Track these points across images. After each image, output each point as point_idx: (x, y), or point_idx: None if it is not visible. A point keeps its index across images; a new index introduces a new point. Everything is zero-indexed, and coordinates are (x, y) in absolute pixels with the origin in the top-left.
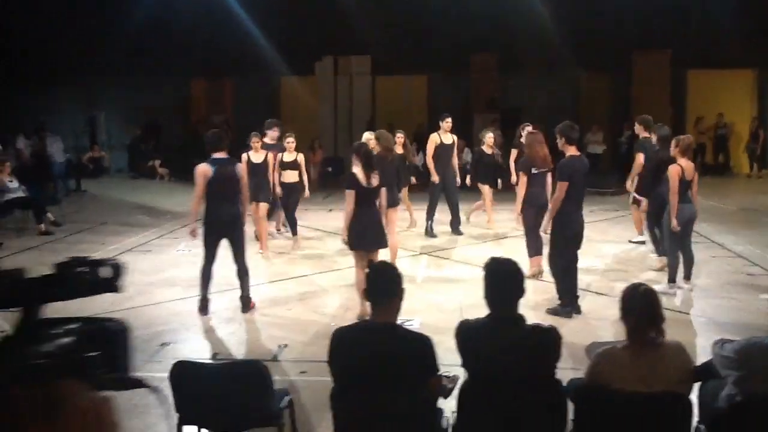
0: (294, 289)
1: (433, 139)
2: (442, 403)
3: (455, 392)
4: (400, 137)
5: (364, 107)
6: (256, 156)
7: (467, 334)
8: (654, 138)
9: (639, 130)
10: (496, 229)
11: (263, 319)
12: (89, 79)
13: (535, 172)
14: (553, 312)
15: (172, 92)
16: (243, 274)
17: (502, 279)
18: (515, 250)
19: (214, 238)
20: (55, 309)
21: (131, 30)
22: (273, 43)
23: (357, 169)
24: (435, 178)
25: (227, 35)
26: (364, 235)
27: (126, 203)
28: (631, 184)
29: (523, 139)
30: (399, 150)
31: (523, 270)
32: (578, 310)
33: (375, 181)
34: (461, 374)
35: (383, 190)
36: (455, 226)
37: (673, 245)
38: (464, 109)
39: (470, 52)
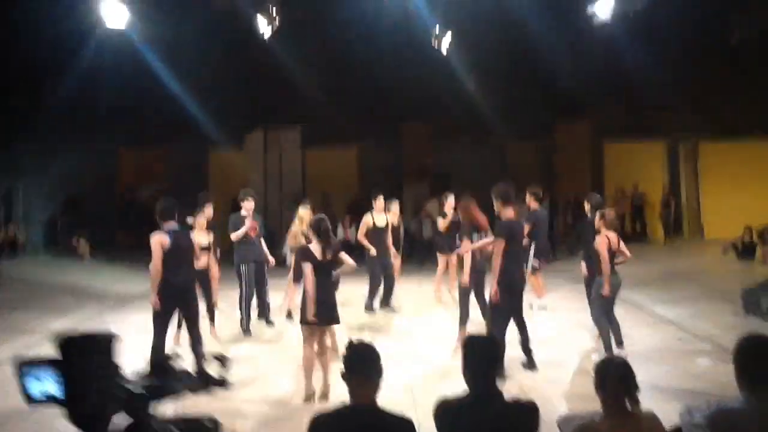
0: (238, 370)
1: (366, 221)
2: None
3: None
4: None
5: (295, 180)
6: (202, 236)
7: (447, 412)
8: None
9: (529, 201)
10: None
11: (211, 404)
12: (10, 146)
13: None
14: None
15: (98, 162)
16: (196, 343)
17: (481, 356)
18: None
19: (168, 309)
20: None
21: (56, 96)
22: (202, 112)
23: (314, 245)
24: (372, 251)
25: (156, 103)
26: (319, 309)
27: (46, 285)
28: None
29: (447, 209)
30: (394, 220)
31: (500, 346)
32: (534, 365)
33: (330, 255)
34: None
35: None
36: (388, 301)
37: (602, 314)
38: (396, 177)
39: (400, 122)
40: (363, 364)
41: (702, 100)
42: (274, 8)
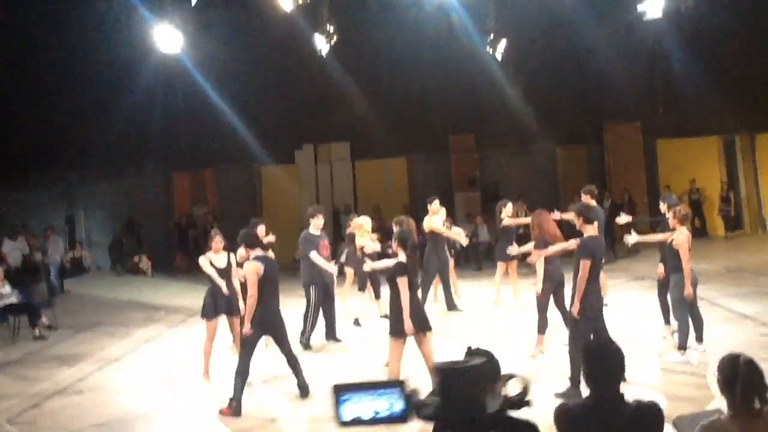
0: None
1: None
2: None
3: None
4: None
5: (346, 193)
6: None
7: (569, 418)
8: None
9: (585, 199)
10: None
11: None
12: (67, 175)
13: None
14: (563, 395)
15: (152, 186)
16: (294, 362)
17: (605, 359)
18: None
19: (259, 335)
20: None
21: (110, 125)
22: (252, 132)
23: (403, 257)
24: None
25: (206, 125)
26: (415, 319)
27: (114, 301)
28: None
29: (504, 216)
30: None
31: (622, 352)
32: None
33: (415, 267)
34: None
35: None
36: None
37: (684, 311)
38: (445, 187)
39: (448, 133)
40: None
41: (756, 94)
42: (332, 26)
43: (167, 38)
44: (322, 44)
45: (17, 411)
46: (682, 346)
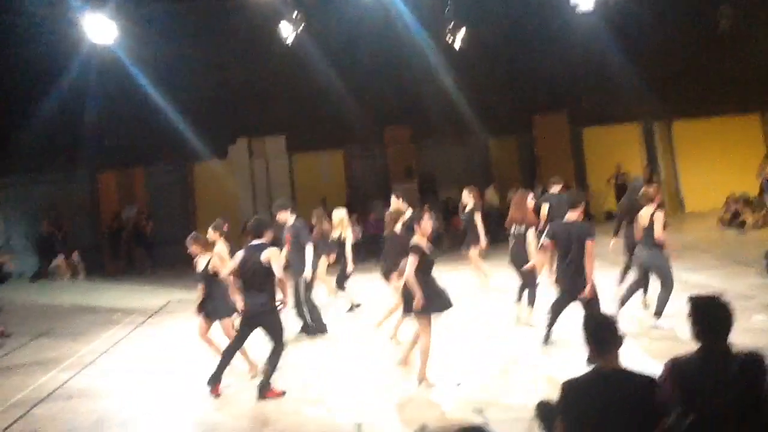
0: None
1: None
2: None
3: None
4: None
5: (283, 187)
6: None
7: (681, 370)
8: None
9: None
10: None
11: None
12: None
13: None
14: None
15: (78, 187)
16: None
17: (713, 312)
18: None
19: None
20: None
21: (33, 121)
22: (184, 128)
23: (419, 238)
24: None
25: (135, 123)
26: (440, 297)
27: (58, 308)
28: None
29: (467, 203)
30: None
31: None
32: None
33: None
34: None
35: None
36: None
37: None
38: (383, 179)
39: (383, 125)
40: (610, 334)
41: (672, 82)
42: (298, 14)
43: (100, 28)
44: (288, 32)
45: (7, 422)
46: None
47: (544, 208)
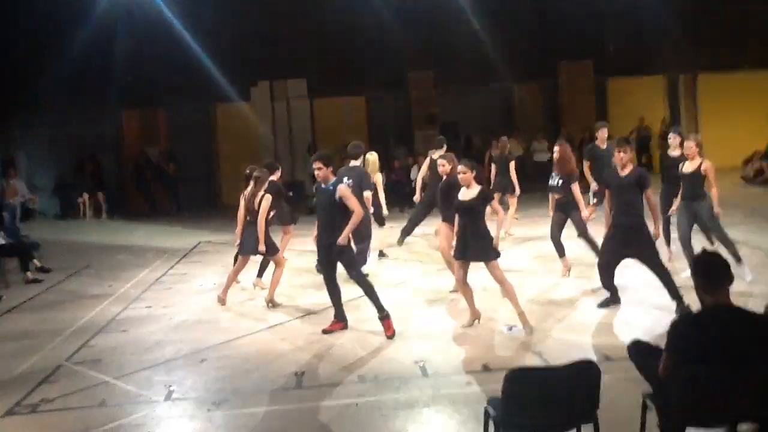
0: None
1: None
2: None
3: None
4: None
5: (304, 130)
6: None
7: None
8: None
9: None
10: None
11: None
12: (5, 115)
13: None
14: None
15: (102, 125)
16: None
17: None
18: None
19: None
20: None
21: (60, 64)
22: (205, 69)
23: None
24: None
25: (156, 63)
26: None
27: (91, 245)
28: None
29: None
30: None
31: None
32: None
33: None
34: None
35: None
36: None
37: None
38: (405, 125)
39: (405, 71)
40: (723, 271)
41: (699, 36)
42: None
43: None
44: None
45: (70, 351)
46: (738, 258)
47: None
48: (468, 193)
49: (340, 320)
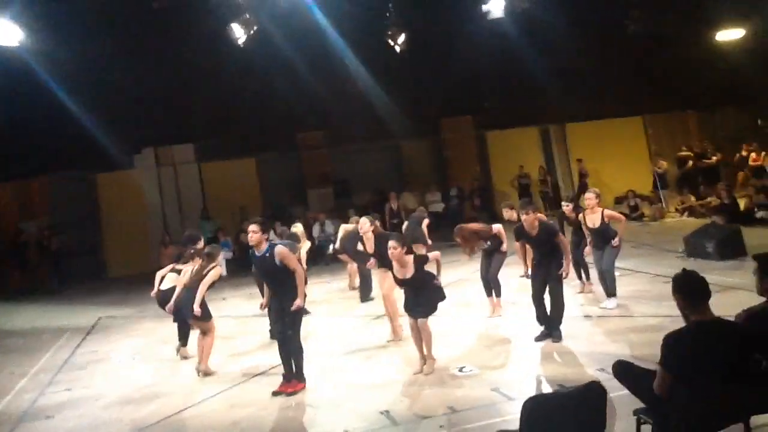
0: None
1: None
2: None
3: None
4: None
5: (194, 196)
6: None
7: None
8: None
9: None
10: None
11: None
12: None
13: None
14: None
15: None
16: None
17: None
18: None
19: None
20: None
21: None
22: (85, 137)
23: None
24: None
25: (31, 132)
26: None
27: None
28: None
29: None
30: None
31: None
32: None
33: None
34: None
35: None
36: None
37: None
38: (298, 186)
39: (295, 131)
40: (703, 289)
41: (565, 90)
42: (249, 15)
43: (4, 31)
44: (240, 33)
45: None
46: (613, 294)
47: None
48: (404, 271)
49: (300, 380)
